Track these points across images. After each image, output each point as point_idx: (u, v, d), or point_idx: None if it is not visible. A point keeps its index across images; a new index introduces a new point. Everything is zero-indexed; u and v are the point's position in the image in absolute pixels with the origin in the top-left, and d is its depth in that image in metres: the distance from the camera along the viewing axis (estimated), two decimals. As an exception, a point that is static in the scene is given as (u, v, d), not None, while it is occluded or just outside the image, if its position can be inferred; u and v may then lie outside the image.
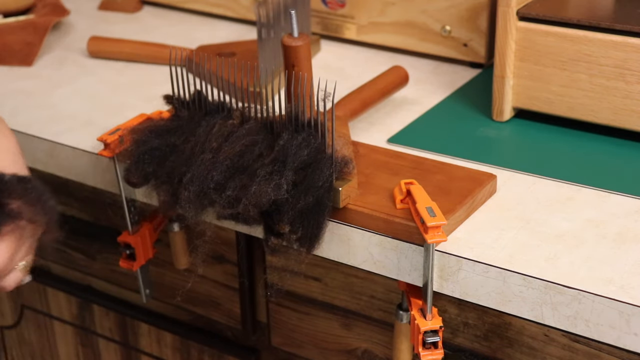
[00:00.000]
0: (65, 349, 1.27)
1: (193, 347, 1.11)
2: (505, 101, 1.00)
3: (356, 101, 0.98)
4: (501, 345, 0.84)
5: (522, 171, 0.91)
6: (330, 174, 0.79)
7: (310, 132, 0.81)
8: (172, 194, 0.85)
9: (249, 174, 0.81)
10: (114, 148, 0.90)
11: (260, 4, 1.04)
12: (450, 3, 1.14)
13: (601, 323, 0.72)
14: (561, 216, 0.83)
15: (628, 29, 0.92)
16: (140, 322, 1.15)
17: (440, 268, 0.79)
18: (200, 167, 0.82)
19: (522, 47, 0.97)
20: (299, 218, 0.79)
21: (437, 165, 0.88)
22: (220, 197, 0.81)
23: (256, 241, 0.98)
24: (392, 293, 0.90)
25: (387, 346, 0.93)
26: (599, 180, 0.89)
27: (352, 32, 1.24)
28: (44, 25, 1.25)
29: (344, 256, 0.84)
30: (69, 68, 1.21)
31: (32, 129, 1.04)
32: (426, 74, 1.15)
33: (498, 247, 0.79)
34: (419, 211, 0.75)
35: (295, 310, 0.98)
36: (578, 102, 0.96)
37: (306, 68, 0.84)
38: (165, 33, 1.32)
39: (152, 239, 0.98)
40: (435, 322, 0.78)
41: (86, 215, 1.12)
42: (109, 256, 1.13)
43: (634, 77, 0.92)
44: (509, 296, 0.76)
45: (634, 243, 0.79)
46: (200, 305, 1.07)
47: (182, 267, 1.01)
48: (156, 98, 1.04)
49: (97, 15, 1.42)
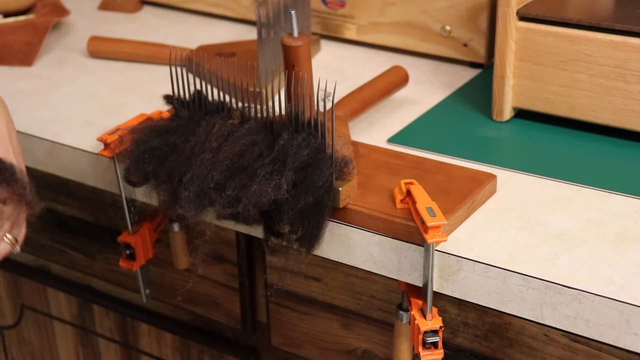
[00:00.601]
0: (65, 349, 1.27)
1: (193, 347, 1.11)
2: (505, 101, 1.00)
3: (356, 101, 0.98)
4: (501, 345, 0.84)
5: (522, 171, 0.91)
6: (330, 174, 0.79)
7: (310, 132, 0.81)
8: (172, 193, 0.85)
9: (249, 173, 0.81)
10: (114, 148, 0.90)
11: (260, 4, 1.04)
12: (450, 3, 1.14)
13: (601, 323, 0.72)
14: (561, 216, 0.83)
15: (628, 29, 0.92)
16: (140, 322, 1.15)
17: (440, 268, 0.79)
18: (200, 167, 0.82)
19: (522, 47, 0.97)
20: (299, 218, 0.79)
21: (437, 165, 0.88)
22: (220, 196, 0.81)
23: (256, 241, 0.98)
24: (392, 293, 0.90)
25: (387, 346, 0.93)
26: (599, 180, 0.89)
27: (352, 32, 1.24)
28: (44, 25, 1.25)
29: (344, 256, 0.84)
30: (69, 68, 1.21)
31: (32, 129, 1.04)
32: (426, 74, 1.15)
33: (498, 247, 0.79)
34: (419, 211, 0.75)
35: (295, 310, 0.98)
36: (578, 102, 0.96)
37: (306, 68, 0.84)
38: (165, 33, 1.32)
39: (152, 239, 0.98)
40: (435, 322, 0.78)
41: (86, 215, 1.12)
42: (109, 256, 1.13)
43: (634, 77, 0.92)
44: (509, 296, 0.76)
45: (634, 243, 0.79)
46: (200, 305, 1.07)
47: (182, 267, 1.01)
48: (156, 98, 1.04)
49: (97, 15, 1.42)
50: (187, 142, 0.86)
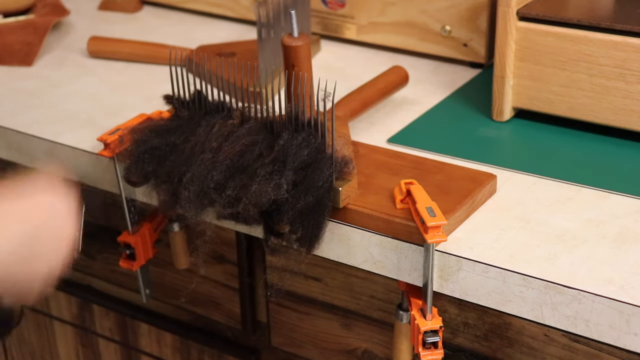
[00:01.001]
0: (65, 349, 1.27)
1: (193, 347, 1.11)
2: (505, 101, 1.00)
3: (356, 101, 0.98)
4: (501, 345, 0.84)
5: (522, 171, 0.91)
6: (330, 174, 0.79)
7: (310, 132, 0.81)
8: (172, 193, 0.85)
9: (249, 173, 0.81)
10: (114, 148, 0.90)
11: (260, 4, 1.04)
12: (450, 3, 1.14)
13: (601, 323, 0.72)
14: (561, 216, 0.83)
15: (628, 29, 0.91)
16: (140, 322, 1.15)
17: (440, 268, 0.79)
18: (200, 167, 0.82)
19: (522, 47, 0.97)
20: (298, 218, 0.79)
21: (437, 165, 0.88)
22: (220, 196, 0.81)
23: (256, 241, 0.98)
24: (392, 293, 0.90)
25: (387, 346, 0.93)
26: (599, 180, 0.89)
27: (352, 32, 1.24)
28: (44, 25, 1.25)
29: (344, 256, 0.84)
30: (69, 68, 1.21)
31: (32, 129, 1.03)
32: (426, 74, 1.15)
33: (498, 247, 0.79)
34: (419, 211, 0.75)
35: (295, 310, 0.98)
36: (578, 102, 0.96)
37: (306, 68, 0.84)
38: (165, 33, 1.32)
39: (152, 239, 0.98)
40: (435, 322, 0.78)
41: (86, 215, 1.12)
42: (109, 256, 1.13)
43: (634, 77, 0.92)
44: (509, 296, 0.76)
45: (634, 243, 0.79)
46: (200, 305, 1.07)
47: (182, 267, 1.01)
48: (156, 98, 1.04)
49: (97, 15, 1.42)
50: (187, 142, 0.86)
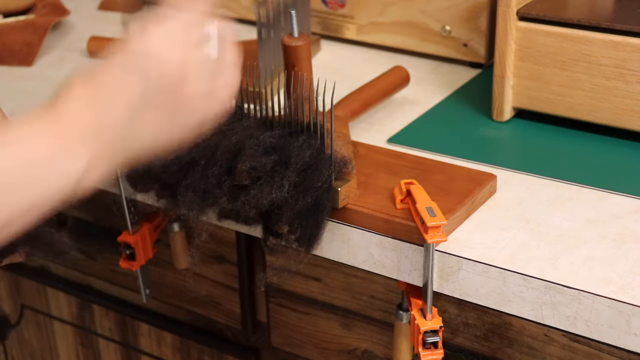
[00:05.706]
0: (65, 349, 1.27)
1: (193, 347, 1.11)
2: (505, 101, 1.00)
3: (356, 101, 0.98)
4: (501, 345, 0.84)
5: (522, 171, 0.91)
6: (330, 174, 0.79)
7: (310, 133, 0.81)
8: (173, 193, 0.85)
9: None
10: (114, 148, 0.90)
11: (260, 4, 1.04)
12: (450, 3, 1.14)
13: (601, 323, 0.72)
14: (561, 216, 0.83)
15: (628, 29, 0.91)
16: (140, 322, 1.15)
17: (440, 268, 0.79)
18: (201, 167, 0.82)
19: (522, 47, 0.97)
20: (297, 218, 0.79)
21: (437, 165, 0.88)
22: (222, 190, 0.80)
23: (256, 241, 0.98)
24: (392, 293, 0.89)
25: (387, 346, 0.93)
26: (599, 180, 0.89)
27: (352, 32, 1.24)
28: (44, 25, 1.25)
29: (344, 256, 0.84)
30: (69, 68, 1.21)
31: (32, 129, 1.03)
32: (426, 74, 1.15)
33: (498, 247, 0.78)
34: (419, 211, 0.75)
35: (295, 310, 0.98)
36: (578, 102, 0.96)
37: (306, 68, 0.84)
38: (165, 33, 1.32)
39: (152, 239, 0.98)
40: (435, 322, 0.78)
41: (86, 215, 1.12)
42: (109, 256, 1.13)
43: (634, 77, 0.92)
44: (509, 296, 0.76)
45: (634, 243, 0.79)
46: (200, 305, 1.07)
47: (182, 267, 1.01)
48: (156, 98, 1.04)
49: (97, 15, 1.42)
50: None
